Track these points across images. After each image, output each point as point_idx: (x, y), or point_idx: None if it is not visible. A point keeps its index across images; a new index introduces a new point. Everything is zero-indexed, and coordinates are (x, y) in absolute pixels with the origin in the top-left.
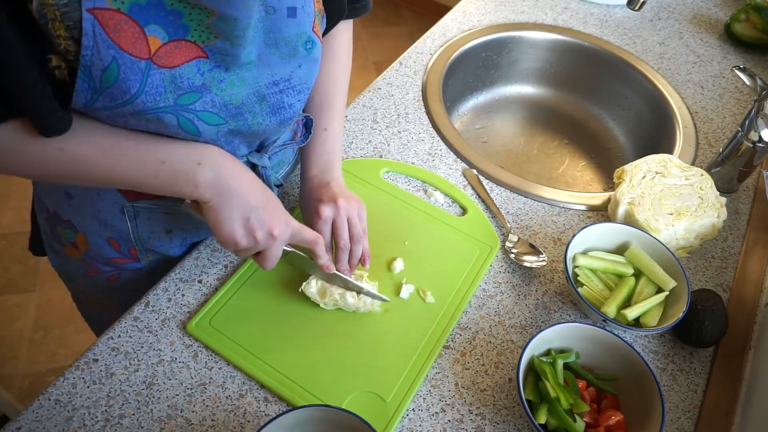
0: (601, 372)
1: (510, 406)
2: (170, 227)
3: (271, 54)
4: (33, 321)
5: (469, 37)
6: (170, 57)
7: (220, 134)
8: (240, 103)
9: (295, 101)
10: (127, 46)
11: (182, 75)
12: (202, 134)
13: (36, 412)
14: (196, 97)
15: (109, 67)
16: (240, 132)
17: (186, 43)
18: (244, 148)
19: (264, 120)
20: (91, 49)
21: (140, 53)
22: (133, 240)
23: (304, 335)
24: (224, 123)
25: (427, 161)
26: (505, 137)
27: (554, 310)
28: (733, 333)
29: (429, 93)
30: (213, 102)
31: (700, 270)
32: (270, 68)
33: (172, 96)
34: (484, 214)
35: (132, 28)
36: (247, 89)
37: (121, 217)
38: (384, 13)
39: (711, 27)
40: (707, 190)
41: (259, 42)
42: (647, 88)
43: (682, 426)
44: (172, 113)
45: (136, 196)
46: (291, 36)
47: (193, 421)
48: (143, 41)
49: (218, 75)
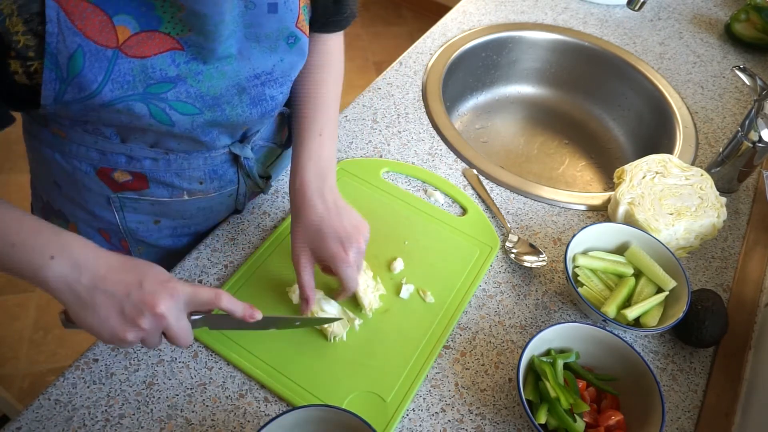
0: (601, 372)
1: (510, 406)
2: (157, 217)
3: (252, 48)
4: (33, 321)
5: (469, 37)
6: (141, 47)
7: (195, 124)
8: (218, 94)
9: (277, 93)
10: (92, 34)
11: (154, 65)
12: (175, 124)
13: (36, 412)
14: (168, 87)
15: (75, 55)
16: (218, 123)
17: (160, 35)
18: (225, 138)
19: (244, 111)
20: (56, 36)
21: (107, 42)
22: (123, 231)
23: (304, 336)
24: (199, 113)
25: (427, 161)
26: (505, 137)
27: (554, 310)
28: (733, 333)
29: (429, 93)
30: (188, 92)
31: (700, 270)
32: (251, 62)
33: (141, 85)
34: (484, 214)
35: (99, 17)
36: (227, 82)
37: (108, 208)
38: (384, 13)
39: (711, 27)
40: (707, 190)
41: (240, 36)
42: (647, 88)
43: (682, 426)
44: (143, 102)
45: (120, 188)
46: (272, 31)
47: (193, 421)
48: (110, 30)
49: (196, 67)
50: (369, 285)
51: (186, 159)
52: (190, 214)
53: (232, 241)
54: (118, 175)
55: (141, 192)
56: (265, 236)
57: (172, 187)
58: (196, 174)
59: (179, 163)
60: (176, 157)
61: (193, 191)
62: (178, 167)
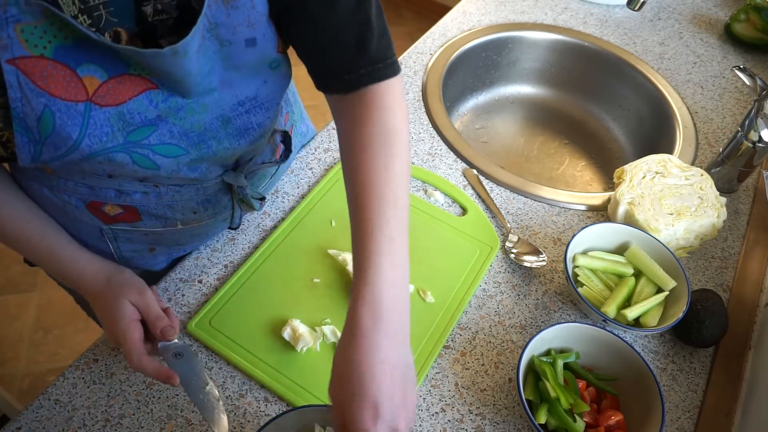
0: (601, 372)
1: (510, 406)
2: (152, 245)
3: (233, 77)
4: (33, 321)
5: (469, 37)
6: (113, 94)
7: (181, 165)
8: (203, 129)
9: (263, 119)
10: (58, 91)
11: (131, 110)
12: (160, 167)
13: (36, 412)
14: (149, 131)
15: (43, 116)
16: (205, 159)
17: (130, 77)
18: (217, 170)
19: (231, 144)
20: (20, 101)
21: (76, 96)
22: (118, 260)
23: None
24: (185, 153)
25: (427, 161)
26: (505, 137)
27: (554, 310)
28: (733, 333)
29: (429, 93)
30: (171, 132)
31: (700, 270)
32: (233, 89)
33: (121, 134)
34: (484, 214)
35: (62, 72)
36: (210, 114)
37: (102, 239)
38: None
39: (711, 27)
40: (707, 190)
41: (218, 69)
42: (647, 88)
43: (682, 426)
44: (124, 152)
45: (112, 220)
46: (252, 61)
47: (193, 421)
48: (77, 83)
49: (176, 103)
50: None
51: (177, 191)
52: (185, 240)
53: (232, 241)
54: (108, 208)
55: (134, 224)
56: (265, 236)
57: (165, 219)
58: (189, 204)
59: (171, 195)
60: (167, 190)
61: (187, 221)
62: (170, 199)
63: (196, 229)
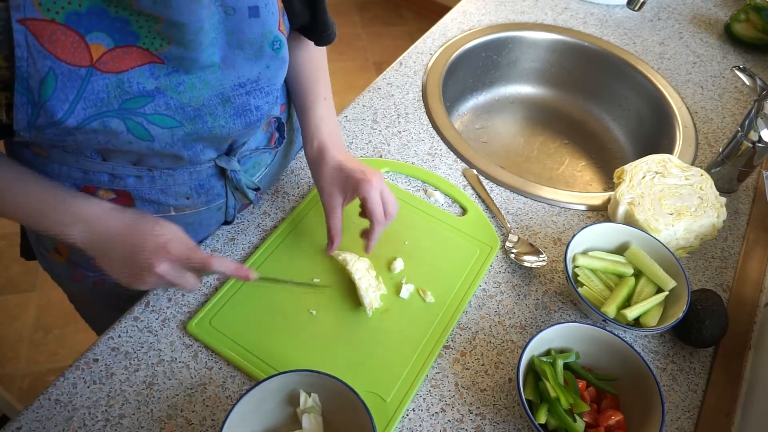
0: (601, 372)
1: (510, 406)
2: None
3: (236, 55)
4: (33, 321)
5: (469, 37)
6: (116, 62)
7: (176, 138)
8: (200, 105)
9: (262, 103)
10: (64, 55)
11: (131, 79)
12: (155, 138)
13: (36, 412)
14: (145, 101)
15: (47, 78)
16: (200, 136)
17: (137, 50)
18: (210, 152)
19: (227, 123)
20: (26, 60)
21: (80, 61)
22: None
23: (304, 335)
24: (179, 126)
25: (427, 161)
26: (505, 137)
27: (554, 310)
28: (733, 333)
29: (429, 93)
30: (167, 105)
31: (700, 270)
32: (235, 70)
33: (116, 101)
34: (484, 214)
35: (70, 37)
36: (210, 91)
37: None
38: (384, 13)
39: (711, 27)
40: (707, 190)
41: (222, 44)
42: (647, 88)
43: (682, 426)
44: (119, 117)
45: None
46: (255, 36)
47: (193, 421)
48: (84, 49)
49: (177, 78)
50: (371, 284)
51: (170, 175)
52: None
53: (232, 241)
54: (102, 193)
55: None
56: (265, 236)
57: (158, 204)
58: (182, 189)
59: (164, 179)
60: (160, 174)
61: (180, 207)
62: (163, 183)
63: (189, 216)
